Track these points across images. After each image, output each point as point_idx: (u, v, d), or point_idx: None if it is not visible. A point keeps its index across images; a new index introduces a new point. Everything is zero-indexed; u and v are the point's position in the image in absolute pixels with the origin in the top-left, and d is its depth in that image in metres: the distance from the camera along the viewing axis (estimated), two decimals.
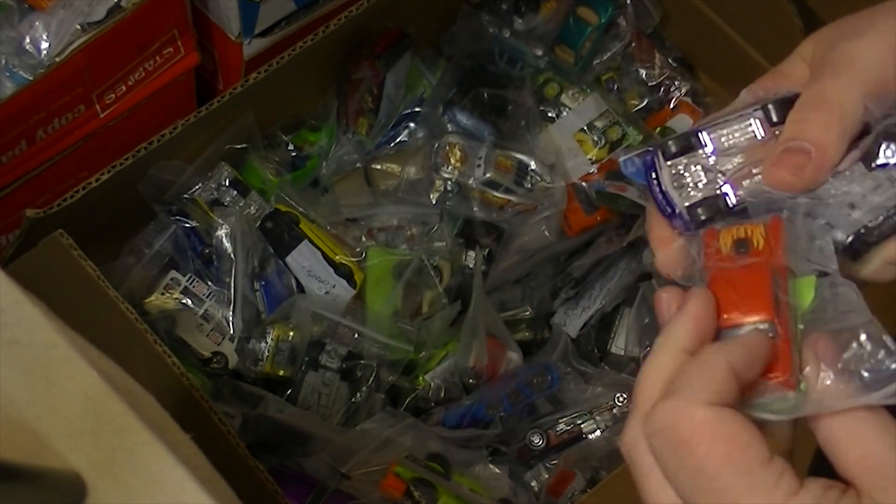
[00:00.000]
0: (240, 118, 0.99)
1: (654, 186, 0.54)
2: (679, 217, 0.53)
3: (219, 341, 0.98)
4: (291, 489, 0.88)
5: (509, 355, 1.02)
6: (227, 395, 0.97)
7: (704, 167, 0.53)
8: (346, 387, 0.98)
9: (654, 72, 1.16)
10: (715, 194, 0.53)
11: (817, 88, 0.52)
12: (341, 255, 0.99)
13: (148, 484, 0.44)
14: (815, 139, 0.51)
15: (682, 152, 0.54)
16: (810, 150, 0.51)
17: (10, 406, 0.45)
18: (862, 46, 0.52)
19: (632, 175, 0.55)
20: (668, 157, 0.54)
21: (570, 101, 1.10)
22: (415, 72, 1.10)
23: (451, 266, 1.03)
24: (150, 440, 0.45)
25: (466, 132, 1.06)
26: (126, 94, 0.98)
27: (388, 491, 0.89)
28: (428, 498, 0.89)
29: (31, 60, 0.89)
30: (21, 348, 0.46)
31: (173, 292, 0.98)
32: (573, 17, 1.13)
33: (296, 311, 0.98)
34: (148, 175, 0.95)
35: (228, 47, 1.02)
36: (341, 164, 1.08)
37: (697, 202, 0.53)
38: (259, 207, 1.00)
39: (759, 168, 0.53)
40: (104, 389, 0.45)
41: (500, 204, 1.02)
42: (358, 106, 1.07)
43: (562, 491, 0.98)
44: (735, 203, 0.53)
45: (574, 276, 1.09)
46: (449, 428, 0.98)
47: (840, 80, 0.52)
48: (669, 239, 0.54)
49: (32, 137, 0.93)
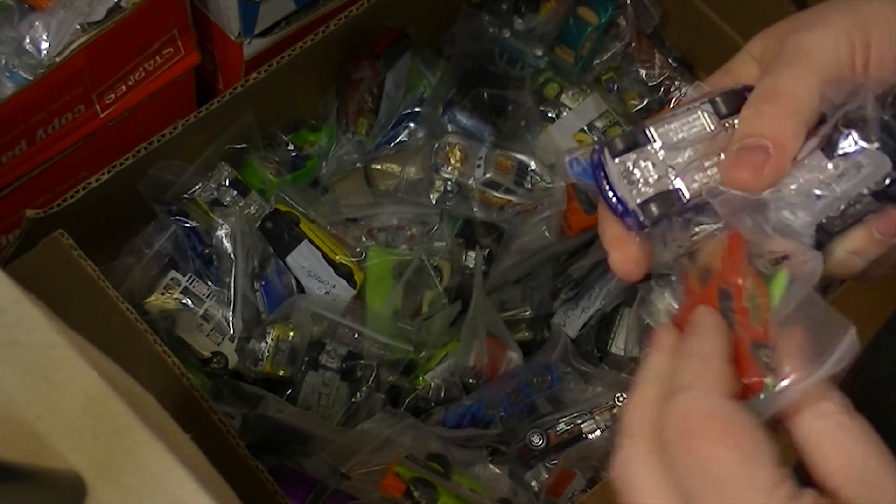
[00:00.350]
0: (240, 118, 0.99)
1: (604, 185, 0.52)
2: (631, 215, 0.51)
3: (219, 341, 0.98)
4: (291, 489, 0.88)
5: (509, 355, 1.02)
6: (227, 395, 0.97)
7: (654, 163, 0.51)
8: (346, 387, 0.98)
9: (654, 72, 1.16)
10: (667, 189, 0.51)
11: (770, 80, 0.50)
12: (341, 255, 0.99)
13: (148, 484, 0.44)
14: (771, 135, 0.49)
15: (630, 149, 0.52)
16: (768, 146, 0.49)
17: (10, 406, 0.45)
18: (814, 37, 0.50)
19: (579, 176, 0.53)
20: (615, 155, 0.52)
21: (570, 101, 1.10)
22: (415, 72, 1.10)
23: (451, 266, 1.03)
24: (150, 440, 0.45)
25: (466, 132, 1.06)
26: (126, 94, 0.98)
27: (388, 491, 0.89)
28: (428, 498, 0.89)
29: (31, 60, 0.89)
30: (21, 348, 0.46)
31: (173, 292, 0.98)
32: (573, 17, 1.13)
33: (296, 311, 0.98)
34: (148, 175, 0.95)
35: (228, 47, 1.02)
36: (341, 164, 1.08)
37: (649, 198, 0.51)
38: (259, 207, 1.00)
39: (710, 161, 0.51)
40: (104, 389, 0.45)
41: (500, 204, 1.02)
42: (358, 106, 1.07)
43: (562, 491, 0.98)
44: (689, 198, 0.51)
45: (574, 278, 1.09)
46: (449, 428, 0.98)
47: (793, 70, 0.50)
48: (624, 239, 0.52)
49: (32, 137, 0.93)
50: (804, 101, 0.49)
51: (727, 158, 0.50)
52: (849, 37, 0.49)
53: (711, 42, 1.16)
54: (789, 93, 0.49)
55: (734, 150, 0.50)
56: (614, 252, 0.52)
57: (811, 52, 0.50)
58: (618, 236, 0.52)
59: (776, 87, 0.50)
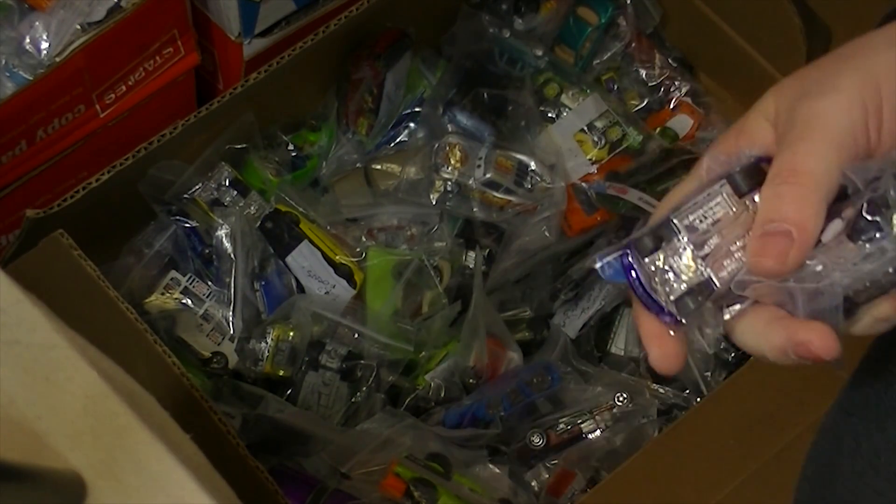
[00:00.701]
0: (240, 118, 0.99)
1: (637, 287, 0.52)
2: (667, 313, 0.52)
3: (219, 341, 0.98)
4: (291, 489, 0.88)
5: (509, 355, 1.02)
6: (227, 395, 0.97)
7: (683, 257, 0.52)
8: (346, 387, 0.98)
9: (654, 72, 1.16)
10: (700, 281, 0.51)
11: (787, 157, 0.49)
12: (341, 255, 0.99)
13: (148, 484, 0.44)
14: (793, 218, 0.48)
15: (658, 246, 0.52)
16: (790, 231, 0.48)
17: (10, 406, 0.45)
18: (827, 105, 0.49)
19: (611, 278, 0.53)
20: (644, 255, 0.52)
21: (570, 101, 1.10)
22: (415, 72, 1.10)
23: (451, 266, 1.03)
24: (150, 440, 0.45)
25: (466, 132, 1.06)
26: (126, 94, 0.98)
27: (388, 491, 0.89)
28: (428, 498, 0.89)
29: (31, 60, 0.89)
30: (21, 348, 0.46)
31: (173, 292, 0.98)
32: (573, 17, 1.13)
33: (296, 311, 0.98)
34: (148, 175, 0.95)
35: (228, 47, 1.02)
36: (341, 164, 1.08)
37: (683, 293, 0.52)
38: (259, 207, 1.00)
39: (737, 245, 0.51)
40: (104, 389, 0.45)
41: (500, 204, 1.02)
42: (358, 106, 1.07)
43: (562, 491, 0.98)
44: (720, 287, 0.51)
45: (574, 279, 1.09)
46: (449, 428, 0.98)
47: (810, 144, 0.49)
48: (662, 334, 0.52)
49: (32, 137, 0.93)
50: (823, 178, 0.48)
51: (751, 246, 0.50)
52: (862, 101, 0.48)
53: (711, 42, 1.16)
54: (808, 171, 0.48)
55: (757, 237, 0.50)
56: (654, 349, 0.52)
57: (826, 121, 0.49)
58: (656, 333, 0.52)
59: (794, 164, 0.49)
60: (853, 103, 0.48)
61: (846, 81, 0.49)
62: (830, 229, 0.49)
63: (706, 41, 1.16)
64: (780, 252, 0.49)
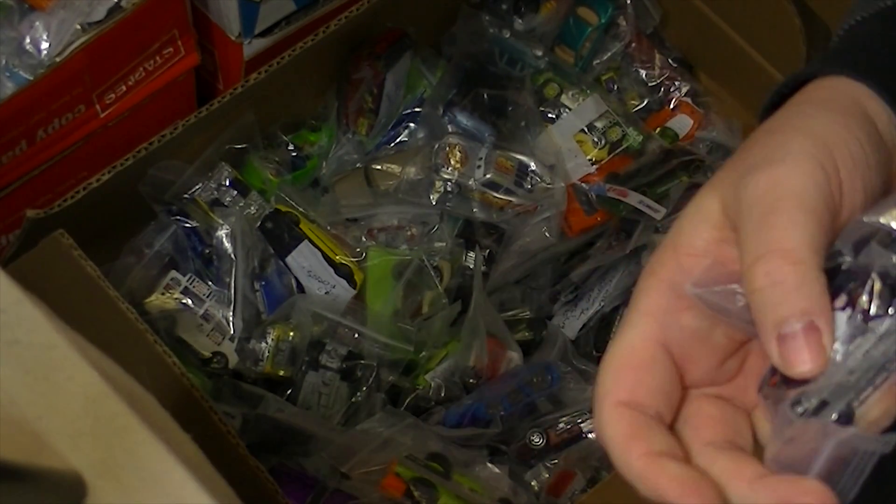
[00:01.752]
0: (240, 118, 0.99)
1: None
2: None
3: (219, 341, 0.98)
4: (291, 489, 0.88)
5: (509, 355, 1.02)
6: (227, 395, 0.97)
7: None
8: (346, 387, 0.98)
9: (654, 72, 1.16)
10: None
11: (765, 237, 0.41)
12: (341, 255, 0.99)
13: (148, 484, 0.44)
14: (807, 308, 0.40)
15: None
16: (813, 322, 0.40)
17: (10, 406, 0.45)
18: (788, 171, 0.41)
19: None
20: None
21: (570, 101, 1.10)
22: (415, 72, 1.10)
23: (452, 266, 1.03)
24: (150, 440, 0.45)
25: (467, 133, 1.06)
26: (126, 94, 0.98)
27: (388, 491, 0.89)
28: (428, 498, 0.89)
29: (31, 60, 0.89)
30: (21, 348, 0.46)
31: (173, 292, 0.98)
32: (573, 18, 1.13)
33: (296, 312, 0.98)
34: (148, 175, 0.95)
35: (228, 47, 1.02)
36: (341, 164, 1.08)
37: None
38: (259, 207, 1.00)
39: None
40: (104, 389, 0.45)
41: (500, 205, 1.02)
42: (358, 106, 1.07)
43: (562, 491, 0.98)
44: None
45: (574, 282, 1.09)
46: (449, 428, 0.98)
47: (786, 217, 0.40)
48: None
49: (32, 137, 0.93)
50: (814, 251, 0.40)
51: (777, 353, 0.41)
52: (820, 163, 0.41)
53: (711, 42, 1.16)
54: (796, 246, 0.40)
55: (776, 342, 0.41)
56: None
57: (792, 187, 0.41)
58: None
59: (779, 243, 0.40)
60: (813, 166, 0.41)
61: (797, 146, 0.42)
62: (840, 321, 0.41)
63: (706, 41, 1.16)
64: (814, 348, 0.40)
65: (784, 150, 0.42)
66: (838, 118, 0.43)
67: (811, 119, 0.43)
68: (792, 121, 0.43)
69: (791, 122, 0.43)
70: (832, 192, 0.41)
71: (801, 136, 0.42)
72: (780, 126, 0.43)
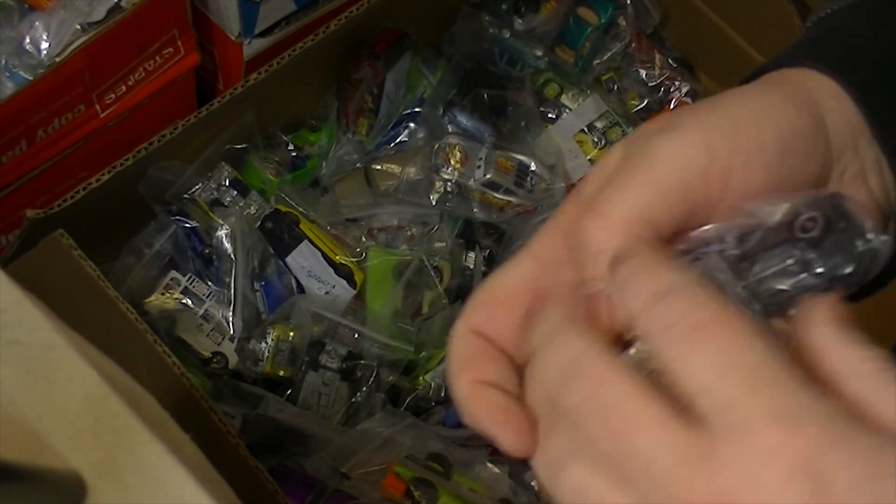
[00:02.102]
0: (240, 118, 0.99)
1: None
2: None
3: (219, 341, 0.98)
4: (291, 489, 0.88)
5: None
6: (227, 395, 0.97)
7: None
8: (346, 387, 0.98)
9: (654, 72, 1.17)
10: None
11: (596, 196, 0.40)
12: (341, 255, 0.99)
13: (148, 484, 0.44)
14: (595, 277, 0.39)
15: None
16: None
17: (10, 406, 0.45)
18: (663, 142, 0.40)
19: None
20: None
21: (570, 101, 1.10)
22: (415, 72, 1.11)
23: (452, 266, 1.03)
24: (150, 440, 0.45)
25: (467, 133, 1.06)
26: (126, 94, 0.98)
27: (388, 491, 0.89)
28: (428, 498, 0.89)
29: (31, 60, 0.89)
30: (21, 348, 0.46)
31: (173, 292, 0.98)
32: (573, 18, 1.13)
33: (296, 312, 0.98)
34: (148, 175, 0.95)
35: (228, 47, 1.02)
36: (341, 164, 1.08)
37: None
38: (259, 207, 1.00)
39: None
40: (104, 389, 0.45)
41: (500, 205, 1.02)
42: (358, 106, 1.07)
43: None
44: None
45: None
46: (449, 428, 0.98)
47: (623, 180, 0.39)
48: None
49: (32, 137, 0.93)
50: (625, 223, 0.39)
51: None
52: (706, 143, 0.39)
53: (711, 42, 1.16)
54: (610, 213, 0.39)
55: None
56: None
57: (655, 157, 0.39)
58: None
59: (600, 206, 0.39)
60: (694, 143, 0.39)
61: (695, 121, 0.40)
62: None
63: (706, 41, 1.17)
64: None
65: (684, 119, 0.40)
66: (772, 101, 0.41)
67: (740, 99, 0.41)
68: (725, 97, 0.42)
69: (724, 98, 0.42)
70: (708, 174, 0.39)
71: (707, 112, 0.40)
72: (716, 99, 0.42)
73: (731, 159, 0.39)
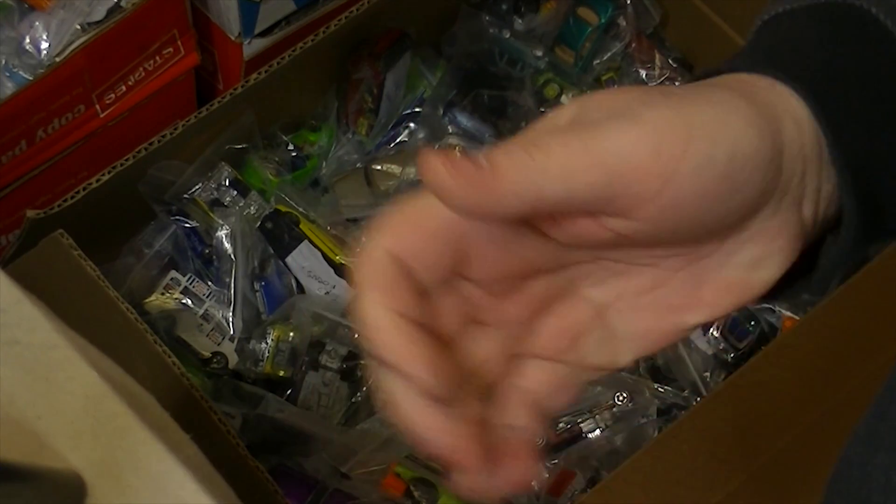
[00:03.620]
0: (240, 118, 0.99)
1: None
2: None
3: (219, 341, 0.98)
4: (291, 489, 0.88)
5: None
6: (227, 395, 0.97)
7: None
8: (346, 387, 0.98)
9: (654, 72, 1.16)
10: None
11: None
12: (341, 255, 0.99)
13: (148, 484, 0.44)
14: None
15: None
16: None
17: (10, 406, 0.45)
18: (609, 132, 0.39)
19: None
20: None
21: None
22: (415, 72, 1.11)
23: None
24: (150, 440, 0.45)
25: (467, 134, 1.07)
26: (126, 94, 0.98)
27: (388, 491, 0.89)
28: (428, 498, 0.89)
29: (31, 60, 0.89)
30: (21, 348, 0.46)
31: (173, 292, 0.98)
32: (573, 18, 1.13)
33: (296, 312, 0.98)
34: (148, 175, 0.95)
35: (228, 47, 1.02)
36: (341, 164, 1.08)
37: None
38: (259, 207, 1.00)
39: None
40: (104, 389, 0.45)
41: None
42: (358, 106, 1.07)
43: (562, 490, 0.98)
44: None
45: None
46: None
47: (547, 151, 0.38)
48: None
49: (32, 137, 0.93)
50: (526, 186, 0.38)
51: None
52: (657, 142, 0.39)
53: (711, 42, 1.16)
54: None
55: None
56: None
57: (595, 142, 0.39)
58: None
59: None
60: (643, 139, 0.39)
61: (652, 115, 0.39)
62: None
63: (706, 41, 1.16)
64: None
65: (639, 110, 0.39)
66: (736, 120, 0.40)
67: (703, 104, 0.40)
68: (686, 95, 0.41)
69: (682, 96, 0.41)
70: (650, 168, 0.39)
71: (667, 107, 0.39)
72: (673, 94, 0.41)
73: (677, 164, 0.39)
